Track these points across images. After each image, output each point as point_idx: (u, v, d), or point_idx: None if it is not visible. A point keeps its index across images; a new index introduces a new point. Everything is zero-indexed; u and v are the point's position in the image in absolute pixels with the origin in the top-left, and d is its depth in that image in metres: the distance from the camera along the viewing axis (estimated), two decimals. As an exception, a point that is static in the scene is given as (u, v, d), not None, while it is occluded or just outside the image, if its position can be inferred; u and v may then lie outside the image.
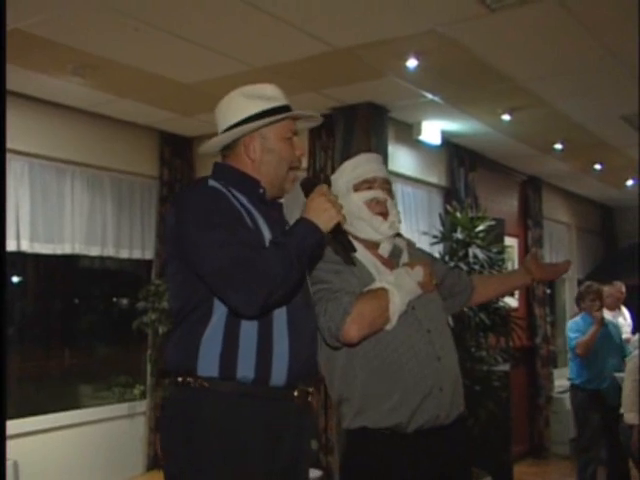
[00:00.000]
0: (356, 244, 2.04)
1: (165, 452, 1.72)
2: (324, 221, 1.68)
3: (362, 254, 2.07)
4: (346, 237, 1.81)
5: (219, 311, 1.65)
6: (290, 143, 1.84)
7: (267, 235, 1.72)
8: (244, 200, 1.75)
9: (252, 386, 1.64)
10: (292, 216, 1.82)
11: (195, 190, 1.79)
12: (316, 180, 1.84)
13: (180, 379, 1.67)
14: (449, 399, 2.01)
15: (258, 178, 1.80)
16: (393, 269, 2.09)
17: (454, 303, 2.32)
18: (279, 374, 1.67)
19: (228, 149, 1.85)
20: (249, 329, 1.65)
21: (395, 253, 2.17)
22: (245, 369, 1.64)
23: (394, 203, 2.16)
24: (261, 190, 1.80)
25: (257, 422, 1.64)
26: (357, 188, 2.10)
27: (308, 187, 1.80)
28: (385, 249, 2.13)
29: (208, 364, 1.63)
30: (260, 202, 1.79)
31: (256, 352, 1.65)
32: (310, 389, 1.76)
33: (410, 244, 2.28)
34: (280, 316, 1.69)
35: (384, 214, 2.09)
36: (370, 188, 2.11)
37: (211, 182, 1.77)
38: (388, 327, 1.97)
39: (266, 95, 1.84)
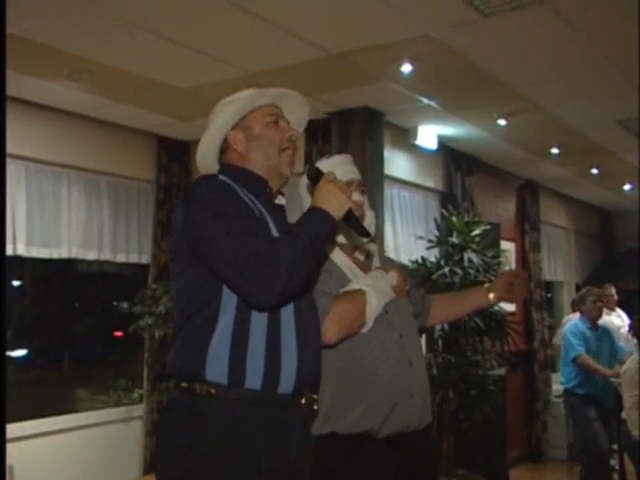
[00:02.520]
0: (331, 246, 2.05)
1: (164, 457, 1.65)
2: (335, 208, 1.66)
3: (338, 256, 2.07)
4: (358, 221, 1.80)
5: (226, 312, 1.61)
6: (275, 126, 1.81)
7: (275, 234, 1.68)
8: (253, 199, 1.74)
9: (260, 393, 1.60)
10: (292, 217, 1.81)
11: (205, 183, 1.75)
12: (320, 168, 1.82)
13: (185, 384, 1.61)
14: (420, 406, 1.99)
15: (249, 167, 1.78)
16: (367, 272, 2.09)
17: None
18: (287, 381, 1.63)
19: (220, 155, 1.85)
20: (257, 334, 1.61)
21: (368, 256, 2.17)
22: (254, 376, 1.59)
23: (368, 205, 2.15)
24: (268, 189, 1.79)
25: (263, 430, 1.60)
26: None
27: (313, 176, 1.79)
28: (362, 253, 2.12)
29: (217, 370, 1.59)
30: (267, 202, 1.77)
31: (264, 358, 1.60)
32: (316, 396, 1.73)
33: (380, 250, 2.27)
34: (288, 320, 1.66)
35: (361, 217, 2.06)
36: None
37: (221, 177, 1.77)
38: (364, 329, 1.96)
39: (241, 96, 1.83)
